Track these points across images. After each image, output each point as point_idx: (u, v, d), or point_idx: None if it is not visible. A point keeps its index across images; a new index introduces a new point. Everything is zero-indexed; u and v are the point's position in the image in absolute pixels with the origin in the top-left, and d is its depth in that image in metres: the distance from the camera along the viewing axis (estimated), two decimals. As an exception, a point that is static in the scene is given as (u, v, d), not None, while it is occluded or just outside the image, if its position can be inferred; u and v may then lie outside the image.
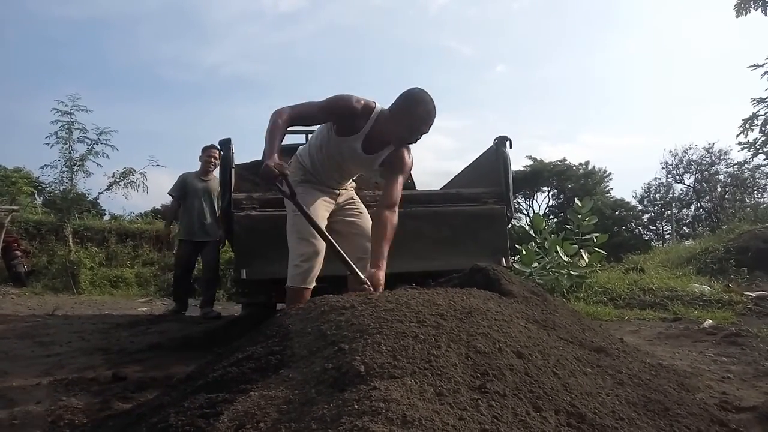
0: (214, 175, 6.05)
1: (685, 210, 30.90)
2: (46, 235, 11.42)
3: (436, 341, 1.56)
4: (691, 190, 30.04)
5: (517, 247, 6.97)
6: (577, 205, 6.93)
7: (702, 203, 29.39)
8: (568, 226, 7.09)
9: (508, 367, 1.50)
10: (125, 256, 11.70)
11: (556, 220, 23.63)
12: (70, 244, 10.62)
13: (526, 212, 31.60)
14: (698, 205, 29.80)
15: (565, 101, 70.53)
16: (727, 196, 27.27)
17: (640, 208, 32.54)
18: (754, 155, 15.31)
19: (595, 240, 6.78)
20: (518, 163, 31.12)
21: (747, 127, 14.14)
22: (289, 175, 2.62)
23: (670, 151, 31.44)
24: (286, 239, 2.81)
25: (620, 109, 67.24)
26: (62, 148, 10.47)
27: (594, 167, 32.72)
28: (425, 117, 2.59)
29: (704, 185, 29.26)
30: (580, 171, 32.32)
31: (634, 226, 31.65)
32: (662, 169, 31.33)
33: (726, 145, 28.67)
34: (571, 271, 6.25)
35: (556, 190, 33.08)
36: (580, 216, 6.78)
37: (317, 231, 2.61)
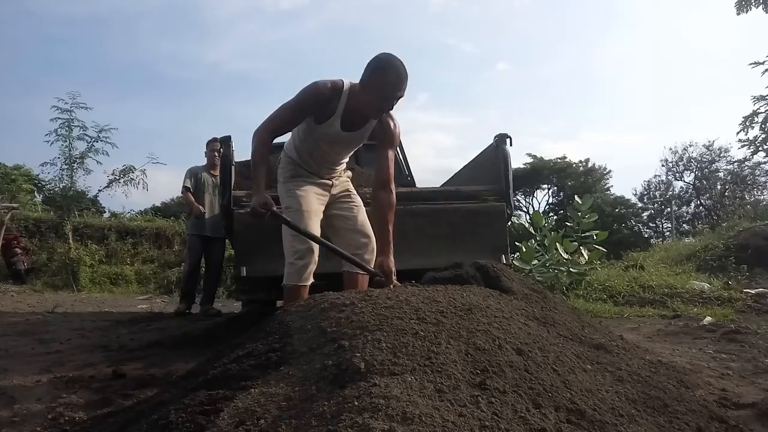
0: None
1: (685, 207, 30.94)
2: (46, 232, 11.42)
3: (436, 338, 1.56)
4: (691, 187, 30.05)
5: (517, 244, 6.97)
6: (577, 202, 6.93)
7: (702, 201, 29.40)
8: (568, 224, 7.10)
9: (507, 363, 1.51)
10: (125, 254, 11.71)
11: (555, 218, 23.61)
12: (70, 241, 10.62)
13: (526, 210, 31.61)
14: (698, 203, 29.82)
15: (565, 99, 70.48)
16: (727, 194, 27.29)
17: (640, 205, 32.57)
18: (755, 152, 15.37)
19: (594, 237, 6.79)
20: (518, 160, 31.12)
21: (747, 124, 14.18)
22: (282, 170, 2.75)
23: (670, 149, 31.41)
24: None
25: (620, 106, 67.24)
26: (62, 145, 10.49)
27: (594, 165, 32.75)
28: (397, 82, 2.54)
29: (704, 183, 29.27)
30: (580, 168, 32.32)
31: (633, 224, 31.65)
32: (662, 166, 31.36)
33: (726, 143, 28.71)
34: (571, 269, 6.25)
35: (556, 188, 33.08)
36: (579, 213, 6.79)
37: (313, 239, 2.61)
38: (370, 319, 1.67)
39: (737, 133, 14.51)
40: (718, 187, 28.56)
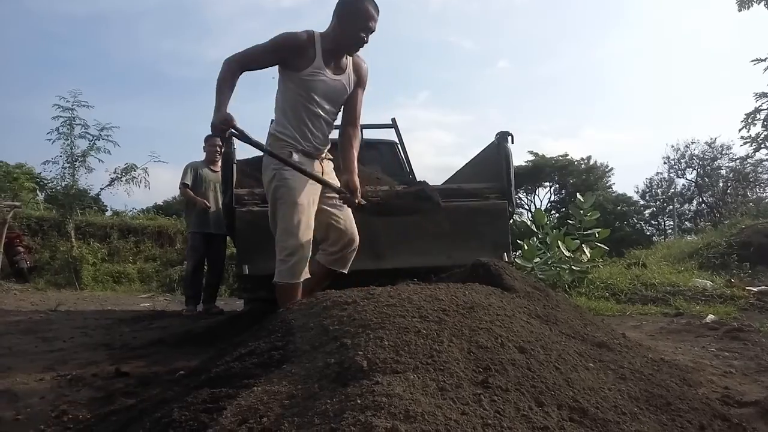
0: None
1: (687, 205, 30.89)
2: (48, 231, 11.44)
3: (439, 336, 1.57)
4: (693, 185, 30.00)
5: (518, 242, 6.96)
6: (579, 200, 6.92)
7: (704, 198, 29.34)
8: (570, 221, 7.09)
9: (510, 362, 1.51)
10: (127, 252, 11.74)
11: (557, 216, 23.60)
12: (73, 239, 10.64)
13: (527, 207, 31.56)
14: (700, 200, 29.77)
15: (566, 96, 70.43)
16: (729, 191, 27.24)
17: (642, 203, 32.52)
18: (757, 150, 15.35)
19: (596, 235, 6.78)
20: (520, 158, 31.08)
21: (749, 121, 14.15)
22: (273, 160, 2.70)
23: (672, 146, 31.41)
24: (273, 234, 2.77)
25: (622, 104, 67.11)
26: (64, 144, 10.50)
27: (596, 162, 32.69)
28: (371, 10, 2.70)
29: (706, 180, 29.21)
30: (582, 166, 32.27)
31: (635, 221, 31.60)
32: (664, 164, 31.33)
33: (728, 140, 28.60)
34: (573, 266, 6.25)
35: (557, 186, 33.03)
36: (581, 211, 6.78)
37: (311, 177, 2.69)
38: (373, 318, 1.67)
39: (739, 131, 14.51)
40: (721, 185, 28.51)
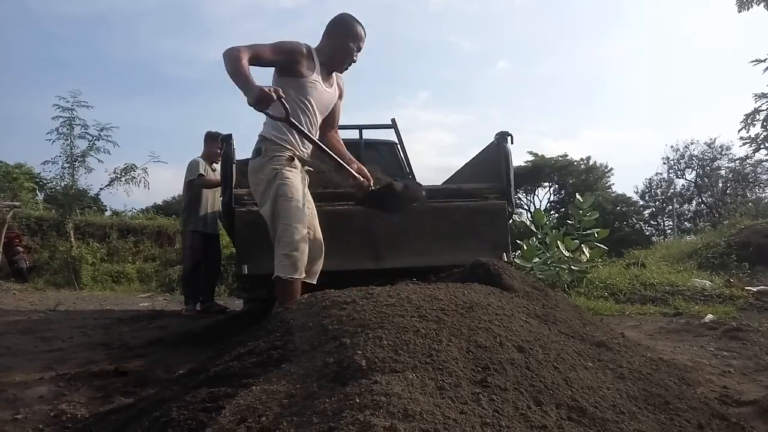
0: None
1: (686, 205, 30.90)
2: (47, 230, 11.43)
3: (438, 336, 1.57)
4: (693, 185, 30.01)
5: (518, 242, 6.97)
6: (579, 200, 6.92)
7: (703, 198, 29.36)
8: (570, 222, 7.10)
9: (509, 361, 1.51)
10: (127, 252, 11.73)
11: (557, 216, 23.63)
12: (72, 239, 10.63)
13: (527, 207, 31.59)
14: (699, 201, 29.78)
15: (566, 97, 70.45)
16: (728, 192, 27.26)
17: (641, 203, 32.55)
18: (756, 150, 15.34)
19: (596, 235, 6.78)
20: (519, 158, 31.10)
21: (749, 122, 14.15)
22: (272, 159, 2.75)
23: (672, 146, 31.43)
24: (272, 231, 2.77)
25: (622, 104, 67.15)
26: (63, 144, 10.49)
27: (595, 162, 32.72)
28: (362, 32, 2.97)
29: (705, 180, 29.23)
30: (582, 166, 32.28)
31: (635, 222, 31.62)
32: (663, 164, 31.33)
33: (728, 141, 28.63)
34: (572, 266, 6.25)
35: (557, 186, 33.04)
36: (581, 211, 6.78)
37: (319, 148, 2.87)
38: (372, 317, 1.67)
39: (739, 131, 14.50)
40: (720, 185, 28.53)
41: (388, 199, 3.00)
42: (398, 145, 6.48)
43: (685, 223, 28.59)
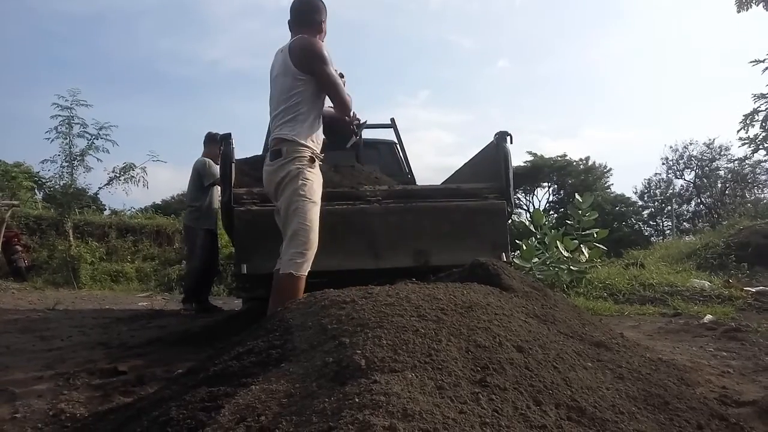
0: None
1: (685, 206, 30.91)
2: (46, 229, 11.42)
3: (437, 335, 1.57)
4: (692, 185, 30.03)
5: (517, 242, 6.97)
6: (578, 200, 6.92)
7: (702, 199, 29.38)
8: (569, 222, 7.09)
9: (508, 361, 1.51)
10: (126, 251, 11.71)
11: (556, 216, 23.61)
12: (71, 238, 10.61)
13: (526, 208, 31.59)
14: (698, 201, 29.80)
15: (566, 96, 70.46)
16: (727, 192, 27.28)
17: (640, 203, 32.55)
18: (755, 151, 15.33)
19: (595, 235, 6.78)
20: (519, 158, 31.09)
21: (747, 122, 14.14)
22: (298, 158, 2.83)
23: (671, 147, 31.49)
24: (286, 227, 2.79)
25: (621, 104, 67.16)
26: (62, 142, 10.43)
27: (594, 163, 32.71)
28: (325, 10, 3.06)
29: (704, 181, 29.25)
30: (581, 166, 32.28)
31: (634, 222, 31.62)
32: (663, 164, 31.36)
33: (726, 141, 28.64)
34: (572, 267, 6.25)
35: (556, 186, 33.04)
36: (580, 211, 6.78)
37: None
38: (371, 317, 1.67)
39: (738, 132, 14.49)
40: (719, 186, 28.55)
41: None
42: (397, 145, 6.48)
43: (684, 224, 28.58)
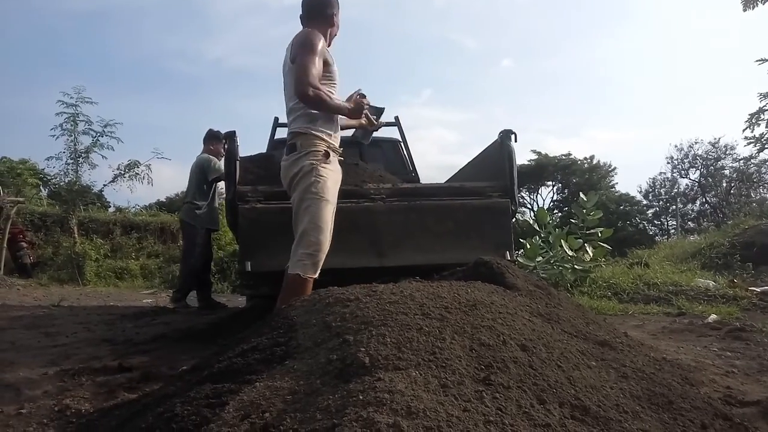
0: None
1: (690, 205, 30.82)
2: (51, 226, 11.48)
3: (441, 333, 1.57)
4: (697, 185, 29.92)
5: (521, 241, 6.96)
6: (582, 199, 6.91)
7: (707, 198, 29.27)
8: (573, 221, 7.08)
9: (512, 359, 1.51)
10: (130, 248, 11.76)
11: (560, 215, 23.58)
12: (76, 235, 10.66)
13: (530, 206, 31.56)
14: (703, 200, 29.69)
15: (570, 95, 70.32)
16: (732, 191, 27.17)
17: (644, 202, 32.49)
18: (761, 150, 15.28)
19: (599, 234, 6.77)
20: (523, 157, 31.10)
21: (753, 121, 14.08)
22: (311, 154, 2.81)
23: (676, 146, 31.32)
24: (296, 225, 2.79)
25: (626, 103, 66.92)
26: (67, 140, 10.46)
27: (599, 162, 32.68)
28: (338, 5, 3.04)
29: (710, 180, 29.13)
30: (585, 165, 32.23)
31: (638, 221, 31.56)
32: (667, 163, 31.27)
33: (732, 140, 28.50)
34: (576, 266, 6.24)
35: (560, 185, 32.99)
36: (584, 210, 6.77)
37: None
38: (375, 315, 1.68)
39: (743, 131, 14.44)
40: (724, 185, 28.43)
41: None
42: (401, 143, 6.48)
43: (689, 223, 28.51)
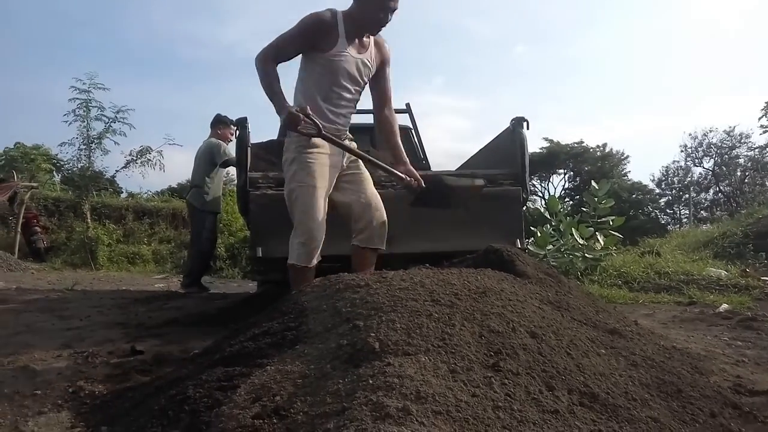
0: None
1: (703, 194, 30.56)
2: (64, 211, 11.60)
3: (450, 320, 1.57)
4: (710, 173, 29.62)
5: (532, 229, 6.94)
6: (594, 187, 6.86)
7: (721, 187, 28.98)
8: (584, 209, 7.04)
9: (521, 346, 1.51)
10: (142, 233, 11.87)
11: (571, 203, 23.46)
12: (88, 220, 10.77)
13: (541, 194, 31.43)
14: (717, 189, 29.41)
15: (583, 83, 69.61)
16: (746, 180, 26.86)
17: (657, 191, 32.27)
18: (776, 139, 15.06)
19: (611, 223, 6.73)
20: (535, 144, 30.94)
21: (770, 110, 13.87)
22: (295, 141, 2.68)
23: (690, 134, 31.08)
24: (290, 215, 2.77)
25: (639, 91, 66.22)
26: (80, 125, 10.57)
27: (611, 150, 32.43)
28: None
29: (724, 169, 28.82)
30: (597, 153, 31.99)
31: (650, 210, 31.34)
32: (681, 152, 31.01)
33: (747, 129, 28.19)
34: (586, 254, 6.22)
35: (572, 173, 32.79)
36: (596, 198, 6.72)
37: (358, 155, 2.77)
38: (385, 300, 1.68)
39: (759, 119, 14.27)
40: (738, 174, 28.12)
41: (437, 195, 2.93)
42: (412, 131, 6.45)
43: (702, 212, 28.29)
